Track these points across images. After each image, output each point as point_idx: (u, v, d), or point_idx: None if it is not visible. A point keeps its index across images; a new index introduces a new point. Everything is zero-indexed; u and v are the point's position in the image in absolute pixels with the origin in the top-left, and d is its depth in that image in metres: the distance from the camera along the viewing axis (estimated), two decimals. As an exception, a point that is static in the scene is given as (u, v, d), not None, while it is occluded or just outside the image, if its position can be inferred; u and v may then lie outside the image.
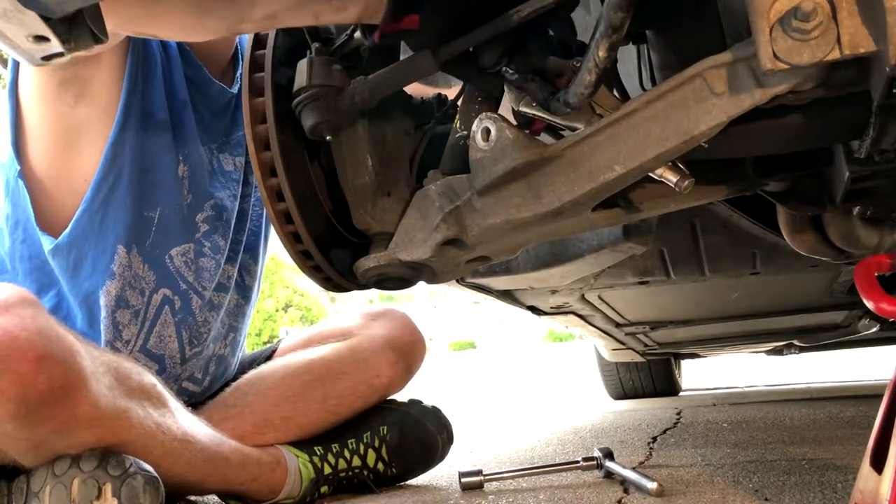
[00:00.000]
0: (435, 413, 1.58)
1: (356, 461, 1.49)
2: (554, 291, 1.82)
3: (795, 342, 3.16)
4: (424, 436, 1.54)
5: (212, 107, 1.43)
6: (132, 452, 1.12)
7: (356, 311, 1.71)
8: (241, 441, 1.36)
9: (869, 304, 0.82)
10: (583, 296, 1.96)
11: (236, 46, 1.48)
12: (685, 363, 4.55)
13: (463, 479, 1.46)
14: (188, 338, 1.41)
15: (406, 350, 1.56)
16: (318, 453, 1.46)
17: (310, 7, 0.76)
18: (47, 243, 1.29)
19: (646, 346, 3.11)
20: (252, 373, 1.52)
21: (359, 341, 1.55)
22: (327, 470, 1.45)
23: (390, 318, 1.60)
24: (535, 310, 2.09)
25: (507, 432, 2.76)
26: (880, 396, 0.80)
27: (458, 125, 0.90)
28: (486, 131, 0.79)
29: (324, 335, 1.62)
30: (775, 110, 0.75)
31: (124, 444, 1.12)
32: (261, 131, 0.91)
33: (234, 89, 1.46)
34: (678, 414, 2.85)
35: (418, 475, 1.59)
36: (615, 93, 0.88)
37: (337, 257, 0.97)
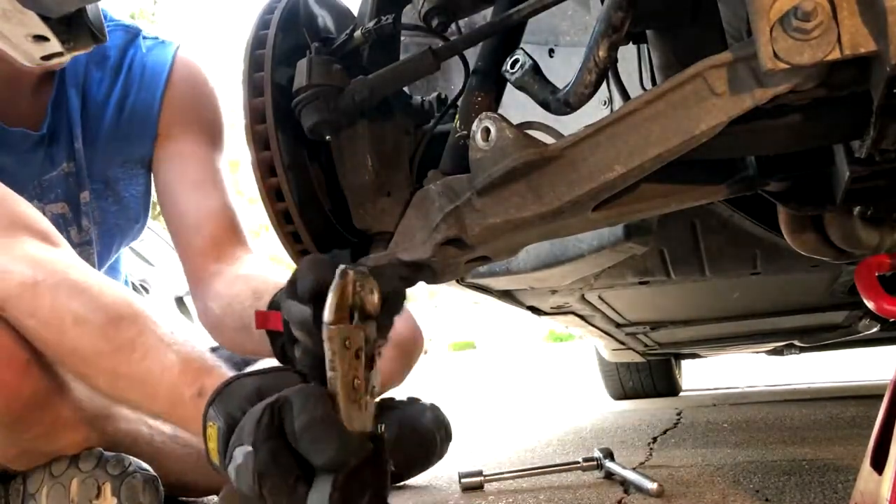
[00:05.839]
0: (433, 411, 1.58)
1: None
2: (554, 291, 1.82)
3: (796, 342, 3.17)
4: (422, 433, 1.54)
5: (14, 152, 1.32)
6: (122, 451, 1.12)
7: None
8: None
9: (870, 305, 0.82)
10: (583, 296, 1.96)
11: (56, 88, 1.34)
12: (685, 363, 4.55)
13: (463, 480, 1.46)
14: None
15: (406, 345, 1.55)
16: None
17: None
18: None
19: (646, 346, 3.11)
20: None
21: None
22: None
23: None
24: (535, 310, 2.09)
25: (507, 432, 2.76)
26: (881, 397, 0.80)
27: (458, 125, 0.90)
28: (486, 131, 0.79)
29: None
30: (776, 110, 0.75)
31: (112, 443, 1.13)
32: (260, 131, 0.91)
33: (43, 129, 1.34)
34: (678, 414, 2.85)
35: (417, 474, 1.59)
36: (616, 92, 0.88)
37: (337, 257, 0.97)
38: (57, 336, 0.97)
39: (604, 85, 0.93)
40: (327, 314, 0.73)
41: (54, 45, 1.14)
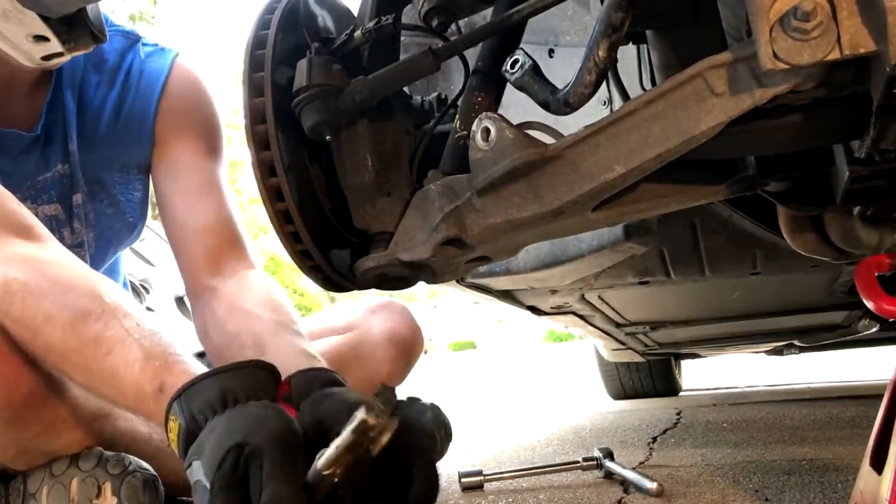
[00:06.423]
0: (433, 411, 1.58)
1: None
2: (554, 291, 1.82)
3: (796, 342, 3.17)
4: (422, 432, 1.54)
5: (9, 153, 1.31)
6: (121, 450, 1.12)
7: (358, 303, 1.69)
8: None
9: (869, 305, 0.82)
10: (583, 296, 1.96)
11: (52, 90, 1.33)
12: (685, 363, 4.56)
13: (463, 480, 1.46)
14: None
15: (406, 345, 1.55)
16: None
17: None
18: None
19: (646, 346, 3.11)
20: None
21: (360, 335, 1.54)
22: None
23: (390, 312, 1.59)
24: (535, 310, 2.09)
25: (507, 432, 2.76)
26: (881, 397, 0.80)
27: (458, 125, 0.90)
28: (486, 131, 0.79)
29: (326, 330, 1.60)
30: (775, 110, 0.75)
31: (111, 442, 1.13)
32: (260, 131, 0.91)
33: (37, 131, 1.32)
34: (678, 414, 2.85)
35: (418, 474, 1.59)
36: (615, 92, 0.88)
37: (337, 257, 0.97)
38: (31, 335, 0.96)
39: (604, 85, 0.93)
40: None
41: (54, 46, 1.14)
